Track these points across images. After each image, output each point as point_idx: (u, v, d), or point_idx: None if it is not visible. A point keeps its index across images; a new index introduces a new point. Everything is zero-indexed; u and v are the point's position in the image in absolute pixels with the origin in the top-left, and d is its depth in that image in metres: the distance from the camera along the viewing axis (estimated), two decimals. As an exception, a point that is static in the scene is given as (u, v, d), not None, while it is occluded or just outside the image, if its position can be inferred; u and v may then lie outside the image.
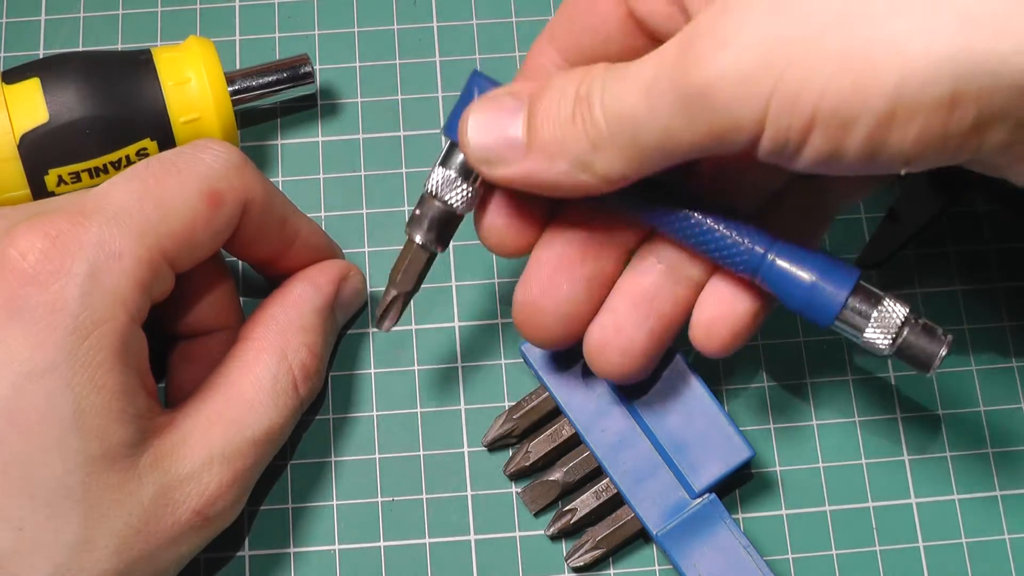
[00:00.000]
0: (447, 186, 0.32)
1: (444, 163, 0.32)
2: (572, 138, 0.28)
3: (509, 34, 0.43)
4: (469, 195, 0.32)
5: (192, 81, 0.38)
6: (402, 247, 0.34)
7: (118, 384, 0.30)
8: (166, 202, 0.32)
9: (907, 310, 0.30)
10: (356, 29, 0.43)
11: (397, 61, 0.43)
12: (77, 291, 0.30)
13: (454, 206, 0.32)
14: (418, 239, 0.33)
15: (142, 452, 0.31)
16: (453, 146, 0.32)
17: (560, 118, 0.29)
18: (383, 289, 0.35)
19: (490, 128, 0.30)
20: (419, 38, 0.43)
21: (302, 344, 0.35)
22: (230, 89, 0.39)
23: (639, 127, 0.27)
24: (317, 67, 0.42)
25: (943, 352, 0.30)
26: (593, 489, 0.36)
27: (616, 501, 0.36)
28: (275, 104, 0.42)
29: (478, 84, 0.32)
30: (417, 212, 0.33)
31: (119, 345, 0.30)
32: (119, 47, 0.43)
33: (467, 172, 0.32)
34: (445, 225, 0.33)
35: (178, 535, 0.32)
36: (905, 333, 0.30)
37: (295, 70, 0.40)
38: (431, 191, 0.33)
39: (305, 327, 0.35)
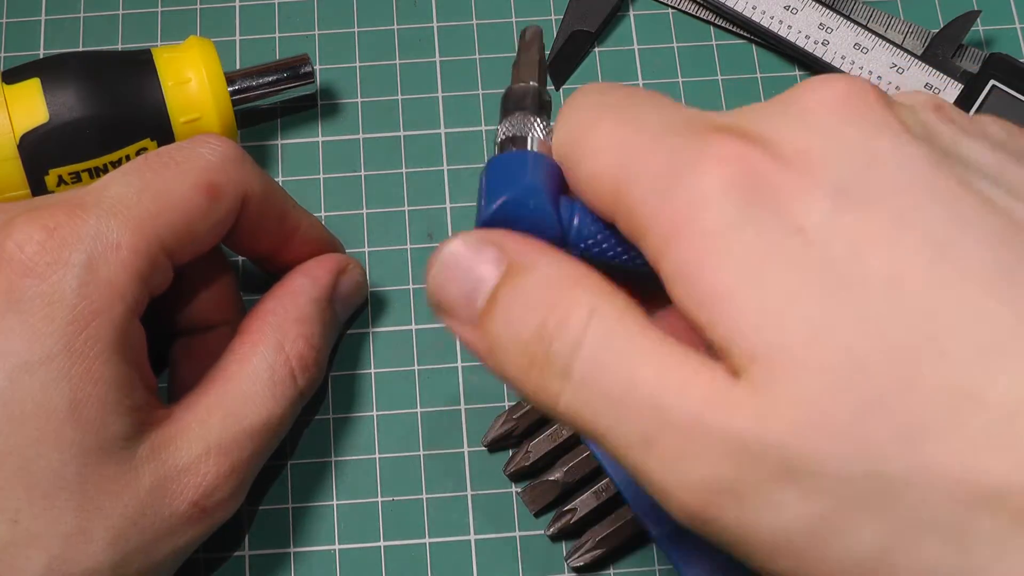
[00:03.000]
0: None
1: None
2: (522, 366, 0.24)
3: (509, 34, 0.43)
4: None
5: (192, 81, 0.38)
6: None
7: (115, 376, 0.30)
8: (164, 195, 0.32)
9: None
10: (356, 29, 0.43)
11: (397, 61, 0.43)
12: (75, 282, 0.30)
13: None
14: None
15: (139, 444, 0.31)
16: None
17: (518, 339, 0.24)
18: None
19: (453, 281, 0.25)
20: (419, 38, 0.43)
21: (299, 335, 0.35)
22: (230, 89, 0.39)
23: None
24: (317, 67, 0.42)
25: None
26: (593, 489, 0.36)
27: (616, 501, 0.36)
28: (275, 104, 0.42)
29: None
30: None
31: (117, 336, 0.30)
32: (119, 47, 0.43)
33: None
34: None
35: (175, 527, 0.32)
36: None
37: (295, 70, 0.40)
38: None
39: (302, 318, 0.35)
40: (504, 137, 0.27)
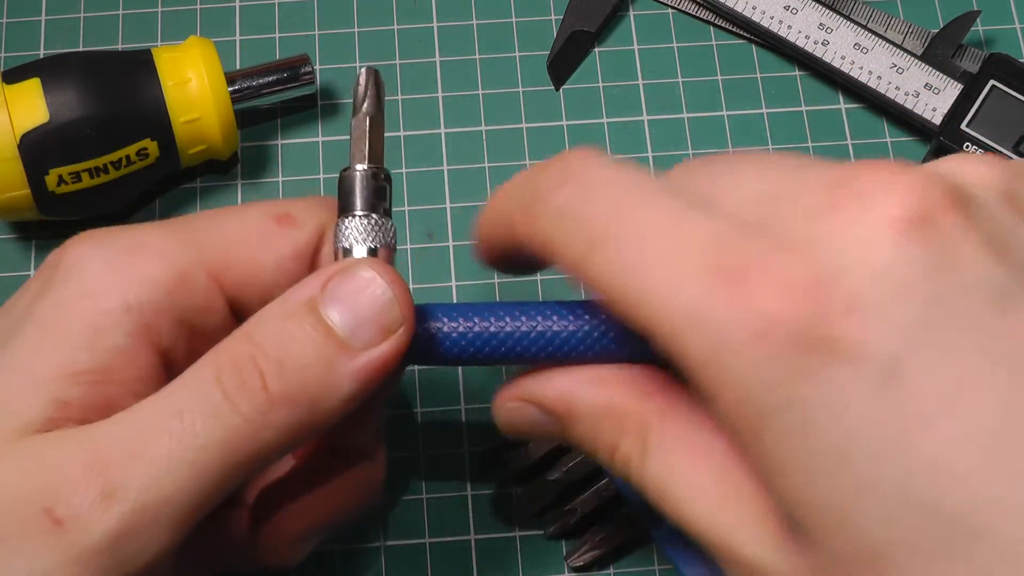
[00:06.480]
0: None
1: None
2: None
3: (509, 34, 0.43)
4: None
5: (192, 81, 0.38)
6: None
7: None
8: (219, 216, 0.29)
9: None
10: (356, 29, 0.43)
11: (397, 61, 0.43)
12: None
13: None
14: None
15: None
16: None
17: (605, 460, 0.27)
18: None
19: (534, 432, 0.28)
20: (419, 38, 0.43)
21: None
22: (230, 89, 0.39)
23: None
24: (317, 67, 0.42)
25: None
26: (593, 489, 0.36)
27: (616, 501, 0.36)
28: (275, 104, 0.42)
29: None
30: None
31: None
32: (119, 47, 0.43)
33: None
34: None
35: None
36: None
37: (295, 70, 0.40)
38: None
39: None
40: (343, 247, 0.28)
